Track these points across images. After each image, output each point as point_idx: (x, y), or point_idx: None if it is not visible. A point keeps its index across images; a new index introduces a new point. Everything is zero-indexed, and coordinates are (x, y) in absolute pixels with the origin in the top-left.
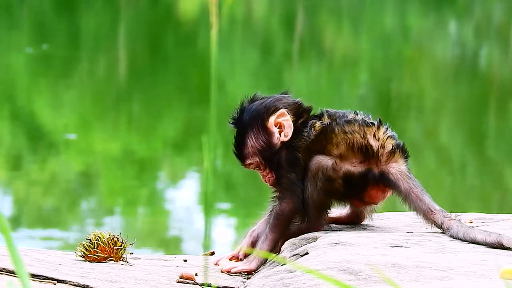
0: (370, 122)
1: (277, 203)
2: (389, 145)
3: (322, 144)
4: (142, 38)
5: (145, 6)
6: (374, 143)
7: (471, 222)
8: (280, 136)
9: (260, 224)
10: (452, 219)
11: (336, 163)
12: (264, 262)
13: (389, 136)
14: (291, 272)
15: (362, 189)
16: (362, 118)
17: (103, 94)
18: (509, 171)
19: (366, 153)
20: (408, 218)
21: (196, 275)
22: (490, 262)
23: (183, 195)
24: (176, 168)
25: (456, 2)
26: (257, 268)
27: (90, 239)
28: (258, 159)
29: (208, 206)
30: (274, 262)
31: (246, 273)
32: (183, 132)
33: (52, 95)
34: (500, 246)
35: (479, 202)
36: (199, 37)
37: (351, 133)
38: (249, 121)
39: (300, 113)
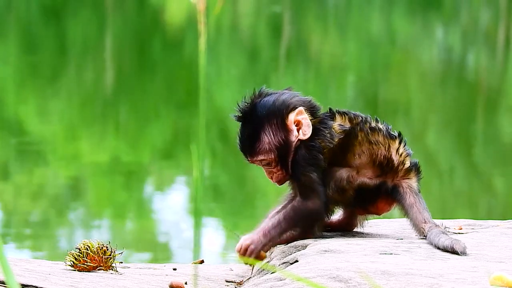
0: (393, 135)
1: (298, 197)
2: (407, 162)
3: (344, 150)
4: (129, 45)
5: (132, 12)
6: (396, 158)
7: (461, 229)
8: (299, 134)
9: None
10: (437, 226)
11: (351, 176)
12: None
13: (407, 154)
14: (281, 280)
15: (372, 200)
16: (386, 128)
17: (90, 102)
18: (497, 177)
19: (386, 167)
20: (398, 225)
21: (185, 283)
22: (480, 268)
23: (172, 203)
24: (165, 175)
25: (443, 7)
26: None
27: (79, 249)
28: (273, 156)
29: (197, 215)
30: (263, 270)
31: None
32: (171, 139)
33: (39, 103)
34: (452, 250)
35: (467, 208)
36: (186, 43)
37: (376, 144)
38: (267, 116)
39: (315, 112)
